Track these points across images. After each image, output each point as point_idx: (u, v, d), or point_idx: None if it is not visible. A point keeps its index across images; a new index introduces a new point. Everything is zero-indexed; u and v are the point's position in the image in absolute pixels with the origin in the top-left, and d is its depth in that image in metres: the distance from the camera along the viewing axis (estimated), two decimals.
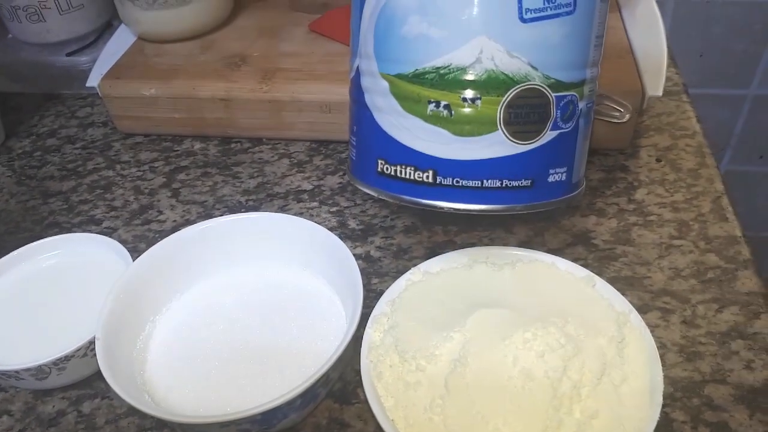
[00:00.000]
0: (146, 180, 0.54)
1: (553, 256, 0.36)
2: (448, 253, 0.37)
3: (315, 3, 0.63)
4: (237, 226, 0.41)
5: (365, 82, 0.31)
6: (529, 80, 0.28)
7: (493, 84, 0.28)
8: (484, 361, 0.29)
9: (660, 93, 0.48)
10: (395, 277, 0.43)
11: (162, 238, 0.48)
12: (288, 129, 0.55)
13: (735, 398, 0.36)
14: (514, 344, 0.29)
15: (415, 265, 0.44)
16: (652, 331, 0.34)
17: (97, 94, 0.57)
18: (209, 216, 0.50)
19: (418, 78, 0.29)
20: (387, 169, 0.32)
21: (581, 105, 0.31)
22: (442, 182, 0.31)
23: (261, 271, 0.41)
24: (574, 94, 0.30)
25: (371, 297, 0.37)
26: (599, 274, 0.42)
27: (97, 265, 0.42)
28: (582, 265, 0.42)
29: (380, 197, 0.34)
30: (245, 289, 0.40)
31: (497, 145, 0.29)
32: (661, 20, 0.52)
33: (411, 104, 0.29)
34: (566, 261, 0.35)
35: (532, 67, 0.28)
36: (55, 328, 0.39)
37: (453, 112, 0.28)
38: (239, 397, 0.34)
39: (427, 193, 0.32)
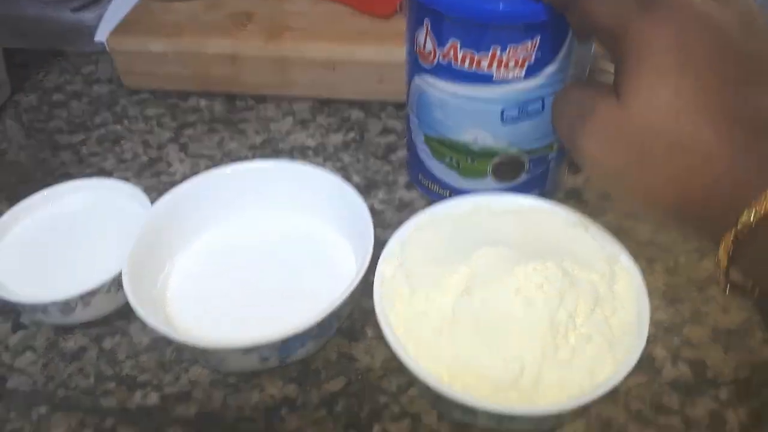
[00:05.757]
0: (154, 134, 0.56)
1: (552, 203, 0.39)
2: (452, 199, 0.39)
3: None
4: (254, 173, 0.43)
5: (411, 124, 0.44)
6: (508, 151, 0.41)
7: (484, 153, 0.42)
8: (488, 291, 0.31)
9: None
10: (398, 228, 0.46)
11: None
12: (292, 86, 0.57)
13: (711, 339, 0.39)
14: (516, 277, 0.31)
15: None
16: None
17: (101, 51, 0.58)
18: None
19: (440, 142, 0.42)
20: (423, 180, 0.47)
21: (552, 154, 0.43)
22: None
23: (276, 217, 0.43)
24: (545, 152, 0.42)
25: (376, 244, 0.39)
26: None
27: (118, 208, 0.43)
28: None
29: (422, 194, 0.49)
30: (260, 234, 0.42)
31: (487, 183, 0.44)
32: None
33: (437, 154, 0.43)
34: (565, 207, 0.38)
35: (510, 144, 0.41)
36: (77, 266, 0.40)
37: (460, 164, 0.43)
38: (258, 331, 0.36)
39: None
